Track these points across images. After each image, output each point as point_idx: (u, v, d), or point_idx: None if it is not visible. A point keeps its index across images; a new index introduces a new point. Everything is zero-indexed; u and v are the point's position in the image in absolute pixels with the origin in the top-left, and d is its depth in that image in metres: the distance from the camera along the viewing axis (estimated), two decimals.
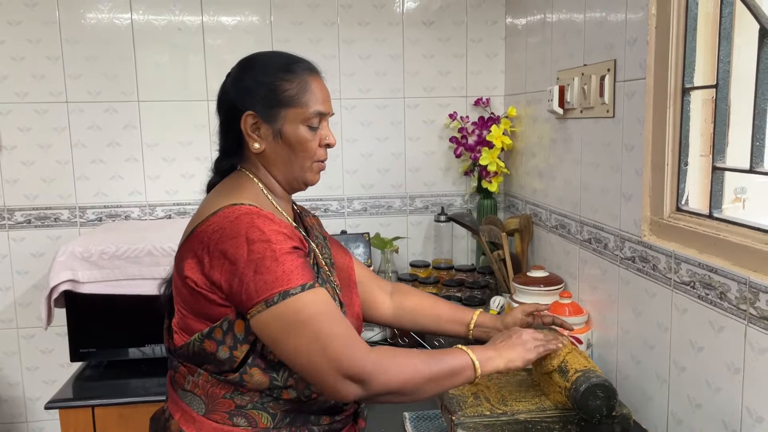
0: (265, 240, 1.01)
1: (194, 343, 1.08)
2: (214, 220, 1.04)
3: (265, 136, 1.14)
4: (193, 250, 1.05)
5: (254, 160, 1.17)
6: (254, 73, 1.15)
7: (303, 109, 1.14)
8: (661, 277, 1.34)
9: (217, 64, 2.27)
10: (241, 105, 1.13)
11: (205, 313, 1.07)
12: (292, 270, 1.01)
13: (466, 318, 1.41)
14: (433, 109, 2.40)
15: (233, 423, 1.08)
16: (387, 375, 1.02)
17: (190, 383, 1.11)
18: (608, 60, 1.54)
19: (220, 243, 1.02)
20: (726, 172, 1.25)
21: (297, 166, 1.17)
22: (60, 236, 2.27)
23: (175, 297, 1.13)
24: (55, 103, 2.22)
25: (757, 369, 1.07)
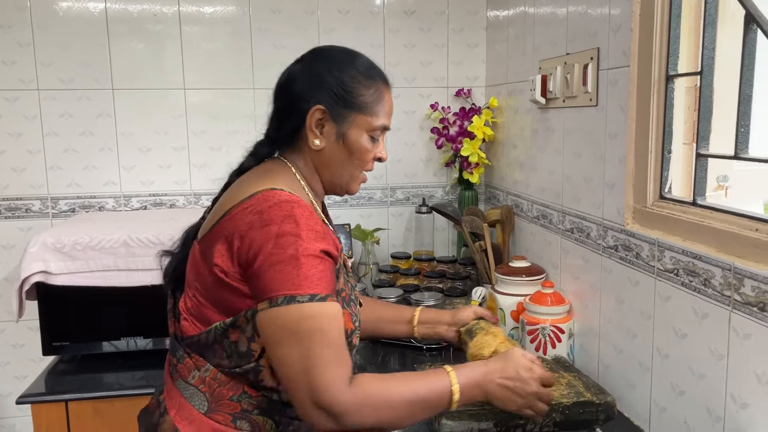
0: (295, 234, 0.96)
1: (215, 331, 1.02)
2: (250, 204, 0.99)
3: (327, 134, 1.09)
4: (224, 234, 1.00)
5: (304, 155, 1.12)
6: (331, 68, 1.09)
7: (373, 118, 1.10)
8: (644, 265, 1.34)
9: (194, 53, 2.22)
10: (310, 96, 1.08)
11: (227, 306, 1.02)
12: (308, 276, 0.96)
13: (407, 316, 1.39)
14: (414, 100, 2.38)
15: (236, 426, 1.04)
16: (361, 414, 0.97)
17: (196, 378, 1.05)
18: (591, 48, 1.53)
19: (253, 229, 0.97)
20: (709, 160, 1.25)
21: (347, 173, 1.13)
22: (31, 227, 2.21)
23: (192, 281, 1.06)
24: (26, 91, 2.15)
25: (741, 355, 1.07)
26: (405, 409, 1.02)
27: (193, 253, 1.07)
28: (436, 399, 1.05)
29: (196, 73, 2.24)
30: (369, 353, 1.77)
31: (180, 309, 1.09)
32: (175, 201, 2.29)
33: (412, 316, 1.39)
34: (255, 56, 2.26)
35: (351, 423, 0.97)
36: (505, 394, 1.10)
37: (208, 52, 2.24)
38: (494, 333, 1.30)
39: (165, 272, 1.18)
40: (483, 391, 1.10)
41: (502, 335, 1.30)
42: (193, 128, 2.27)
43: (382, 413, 1.00)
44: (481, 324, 1.35)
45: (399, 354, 1.77)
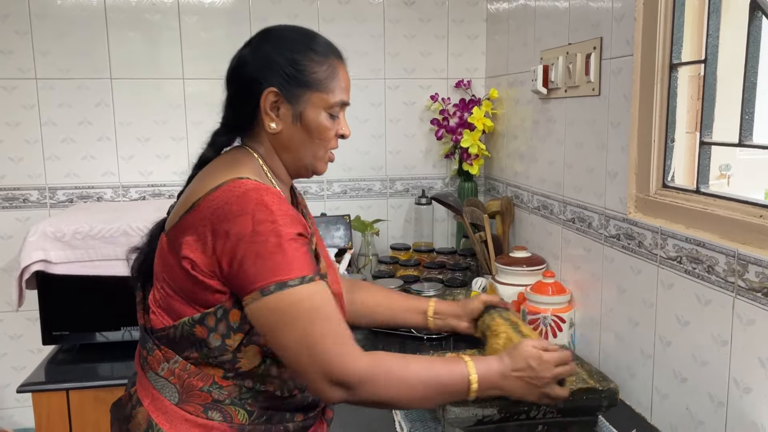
0: (271, 221, 0.94)
1: (182, 327, 1.01)
2: (217, 195, 0.97)
3: (283, 116, 1.06)
4: (193, 227, 0.98)
5: (263, 139, 1.09)
6: (281, 48, 1.06)
7: (329, 95, 1.07)
8: (646, 253, 1.35)
9: (193, 43, 2.21)
10: (262, 79, 1.04)
11: (197, 299, 1.00)
12: (293, 259, 0.95)
13: (422, 307, 1.39)
14: (414, 91, 2.38)
15: (207, 416, 1.03)
16: (375, 386, 0.98)
17: (165, 370, 1.04)
18: (594, 38, 1.54)
19: (225, 221, 0.95)
20: (712, 149, 1.25)
21: (310, 154, 1.10)
22: (29, 218, 2.20)
23: (160, 274, 1.05)
24: (24, 80, 2.14)
25: (744, 340, 1.07)
26: (421, 388, 1.02)
27: (161, 246, 1.05)
28: (454, 385, 1.05)
29: (194, 63, 2.23)
30: (368, 343, 1.77)
31: (149, 302, 1.08)
32: (174, 191, 2.28)
33: (427, 308, 1.39)
34: None
35: (366, 394, 0.97)
36: (520, 386, 1.10)
37: (207, 42, 2.23)
38: (497, 333, 1.30)
39: (132, 267, 1.16)
40: (498, 387, 1.10)
41: (519, 322, 1.29)
42: (191, 118, 2.26)
43: (400, 388, 1.00)
44: (499, 311, 1.35)
45: (399, 344, 1.77)
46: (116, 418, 1.12)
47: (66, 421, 1.63)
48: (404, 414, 1.35)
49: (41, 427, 1.62)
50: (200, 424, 1.02)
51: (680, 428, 1.25)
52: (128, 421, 1.06)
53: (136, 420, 1.04)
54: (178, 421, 1.02)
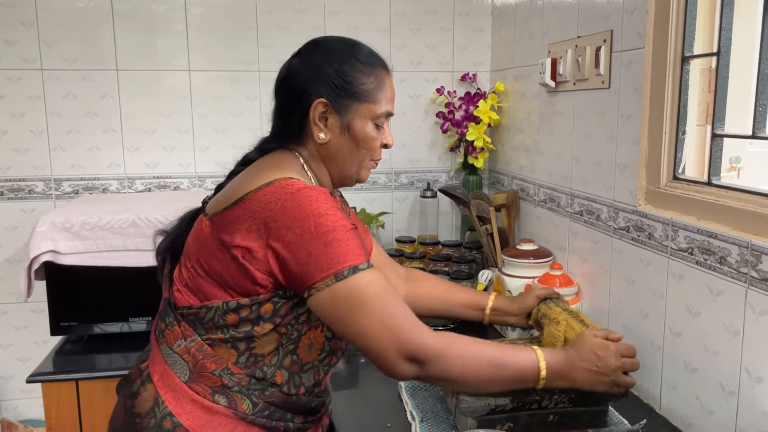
0: (330, 213, 0.98)
1: (216, 310, 1.04)
2: (269, 191, 1.00)
3: (332, 126, 1.10)
4: (243, 219, 1.00)
5: (311, 149, 1.13)
6: (330, 59, 1.10)
7: (375, 106, 1.11)
8: (657, 245, 1.36)
9: (199, 34, 2.21)
10: (311, 90, 1.08)
11: (235, 285, 1.02)
12: (357, 245, 0.99)
13: (482, 303, 1.42)
14: (419, 84, 2.38)
15: (213, 399, 1.05)
16: (446, 361, 1.01)
17: (181, 347, 1.06)
18: (604, 31, 1.54)
19: (283, 215, 0.98)
20: (724, 141, 1.26)
21: (356, 163, 1.14)
22: (34, 209, 2.19)
23: (194, 254, 1.06)
24: (30, 71, 2.13)
25: (757, 330, 1.08)
26: (489, 369, 1.05)
27: (201, 228, 1.07)
28: (523, 371, 1.09)
29: (201, 54, 2.23)
30: None
31: (174, 278, 1.10)
32: (180, 183, 2.28)
33: (485, 305, 1.42)
34: (260, 38, 2.25)
35: (438, 370, 1.01)
36: (590, 377, 1.13)
37: (213, 33, 2.22)
38: (557, 321, 1.31)
39: (158, 249, 1.19)
40: (566, 378, 1.12)
41: (567, 319, 1.30)
42: (197, 110, 2.26)
43: (468, 366, 1.03)
44: (549, 305, 1.37)
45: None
46: (122, 395, 1.13)
47: (75, 411, 1.64)
48: (415, 404, 1.36)
49: (51, 417, 1.62)
50: (205, 406, 1.04)
51: (690, 418, 1.26)
52: (134, 398, 1.07)
53: (143, 396, 1.06)
54: (185, 400, 1.04)
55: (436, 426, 1.28)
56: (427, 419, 1.30)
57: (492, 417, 1.22)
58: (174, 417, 1.03)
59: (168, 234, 1.19)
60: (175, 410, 1.04)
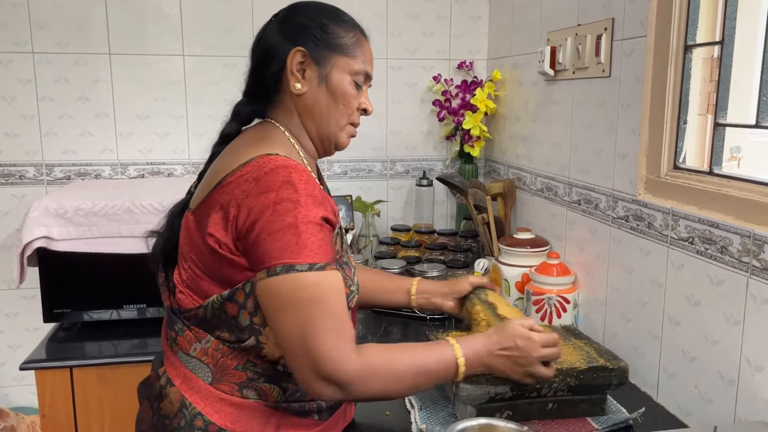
0: (293, 201, 0.93)
1: (212, 305, 1.00)
2: (246, 170, 0.96)
3: (309, 78, 1.07)
4: (219, 203, 0.97)
5: (288, 107, 1.09)
6: (310, 13, 1.08)
7: (354, 60, 1.08)
8: (656, 234, 1.36)
9: (193, 18, 2.18)
10: (289, 41, 1.05)
11: (225, 278, 0.99)
12: (307, 244, 0.93)
13: (406, 286, 1.38)
14: (416, 72, 2.36)
15: (242, 395, 1.02)
16: (366, 384, 0.96)
17: (198, 350, 1.03)
18: (605, 19, 1.53)
19: (250, 196, 0.94)
20: (726, 131, 1.26)
21: (333, 121, 1.10)
22: (25, 194, 2.16)
23: (188, 254, 1.03)
24: (20, 54, 2.09)
25: (758, 320, 1.09)
26: (411, 380, 1.02)
27: (187, 224, 1.04)
28: (443, 371, 1.05)
29: (195, 39, 2.20)
30: (372, 324, 1.77)
31: (174, 281, 1.06)
32: (173, 170, 2.26)
33: (410, 286, 1.38)
34: (255, 22, 2.22)
35: (357, 393, 0.96)
36: (505, 364, 1.11)
37: (208, 17, 2.19)
38: (490, 303, 1.30)
39: (152, 252, 1.15)
40: (484, 365, 1.10)
41: (499, 305, 1.29)
42: (191, 96, 2.23)
43: (389, 384, 0.99)
44: (480, 294, 1.35)
45: (402, 325, 1.78)
46: (145, 396, 1.10)
47: (69, 399, 1.62)
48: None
49: (44, 404, 1.60)
50: (235, 402, 1.02)
51: (688, 406, 1.27)
52: (159, 400, 1.05)
53: (168, 399, 1.03)
54: (213, 399, 1.02)
55: (435, 414, 1.28)
56: (426, 407, 1.30)
57: (491, 405, 1.22)
58: (204, 416, 1.00)
59: (160, 234, 1.15)
60: (204, 410, 1.01)
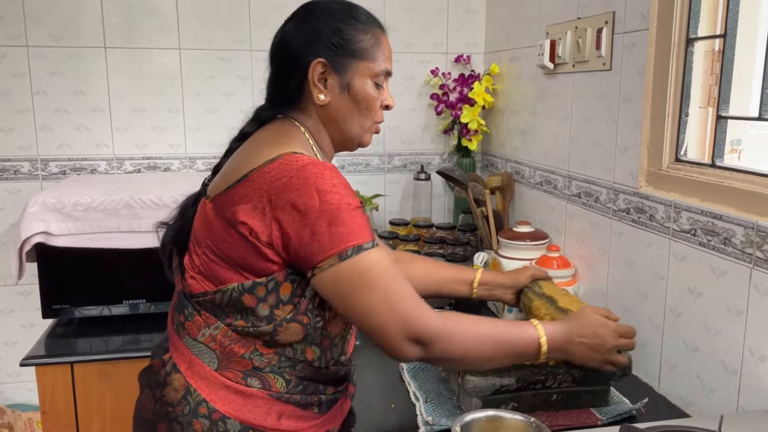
0: (337, 192, 0.96)
1: (231, 293, 1.01)
2: (273, 167, 0.97)
3: (331, 87, 1.08)
4: (248, 196, 0.98)
5: (310, 112, 1.11)
6: (326, 19, 1.07)
7: (374, 63, 1.08)
8: (658, 226, 1.37)
9: (189, 12, 2.16)
10: (309, 51, 1.06)
11: (247, 265, 1.00)
12: (363, 225, 0.97)
13: (468, 278, 1.41)
14: (414, 66, 2.36)
15: (247, 383, 1.03)
16: (449, 341, 1.01)
17: (206, 336, 1.04)
18: (606, 12, 1.54)
19: (287, 192, 0.95)
20: (728, 123, 1.27)
21: (357, 125, 1.11)
22: (20, 190, 2.14)
23: (203, 240, 1.04)
24: (15, 47, 2.07)
25: (761, 310, 1.10)
26: (489, 347, 1.05)
27: (205, 212, 1.05)
28: (523, 347, 1.09)
29: (191, 33, 2.18)
30: None
31: (185, 266, 1.08)
32: (170, 165, 2.24)
33: (473, 278, 1.40)
34: (252, 16, 2.21)
35: (440, 350, 1.00)
36: (585, 352, 1.14)
37: (204, 11, 2.18)
38: (548, 297, 1.32)
39: (163, 241, 1.16)
40: (563, 350, 1.13)
41: (558, 297, 1.31)
42: (188, 90, 2.22)
43: (469, 345, 1.03)
44: (534, 288, 1.37)
45: None
46: (147, 384, 1.10)
47: (70, 395, 1.61)
48: (418, 385, 1.36)
49: (45, 401, 1.60)
50: (239, 391, 1.02)
51: (690, 396, 1.28)
52: (163, 387, 1.05)
53: (173, 386, 1.04)
54: (217, 386, 1.02)
55: (440, 406, 1.28)
56: (431, 400, 1.30)
57: (496, 397, 1.23)
58: (209, 403, 1.01)
59: (170, 225, 1.16)
60: (208, 397, 1.02)
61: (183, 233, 1.11)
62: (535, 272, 1.41)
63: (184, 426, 1.02)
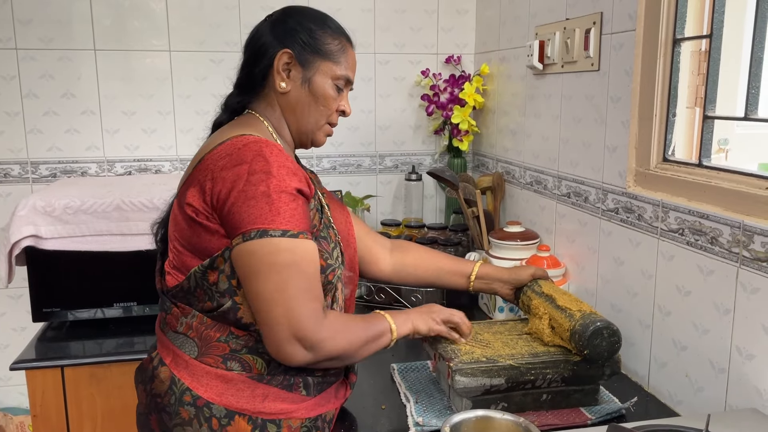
0: (266, 171, 0.99)
1: (194, 275, 1.05)
2: (221, 149, 1.03)
3: (294, 78, 1.14)
4: (197, 178, 1.04)
5: (271, 102, 1.17)
6: (300, 18, 1.17)
7: (337, 66, 1.16)
8: (646, 226, 1.37)
9: (179, 14, 2.16)
10: (279, 42, 1.13)
11: (203, 248, 1.04)
12: (280, 211, 0.99)
13: (467, 270, 1.41)
14: (404, 66, 2.37)
15: (227, 367, 1.06)
16: (334, 342, 1.02)
17: (183, 325, 1.08)
18: (594, 13, 1.54)
19: (225, 169, 1.00)
20: (715, 123, 1.27)
21: (312, 120, 1.18)
22: (11, 193, 2.13)
23: (172, 234, 1.09)
24: (3, 50, 2.06)
25: (748, 309, 1.11)
26: (363, 338, 1.09)
27: (173, 209, 1.11)
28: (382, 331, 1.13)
29: (181, 34, 2.18)
30: None
31: (165, 267, 1.12)
32: (161, 167, 2.24)
33: (471, 271, 1.41)
34: (242, 18, 2.21)
35: (325, 352, 1.02)
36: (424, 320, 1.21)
37: (194, 13, 2.18)
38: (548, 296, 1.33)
39: (156, 241, 1.21)
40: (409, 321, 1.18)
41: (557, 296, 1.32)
42: (178, 92, 2.21)
43: (348, 344, 1.05)
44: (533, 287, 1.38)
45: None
46: (140, 381, 1.14)
47: (61, 398, 1.61)
48: (408, 385, 1.37)
49: (36, 404, 1.59)
50: (220, 375, 1.05)
51: (679, 395, 1.29)
52: (151, 381, 1.09)
53: (159, 378, 1.08)
54: (200, 374, 1.05)
55: (431, 407, 1.28)
56: (422, 400, 1.31)
57: (486, 397, 1.23)
58: (192, 391, 1.04)
59: (161, 223, 1.20)
60: (191, 385, 1.05)
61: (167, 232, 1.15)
62: (536, 271, 1.42)
63: (171, 415, 1.05)
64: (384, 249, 1.42)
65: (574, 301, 1.30)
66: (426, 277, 1.43)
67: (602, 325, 1.20)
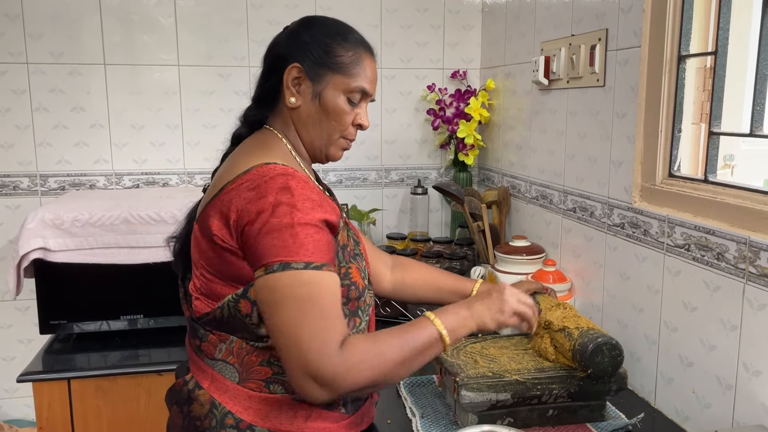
0: (290, 204, 0.96)
1: (228, 305, 1.02)
2: (246, 179, 1.00)
3: (304, 93, 1.11)
4: (220, 209, 1.01)
5: (285, 117, 1.14)
6: (313, 31, 1.13)
7: (350, 79, 1.12)
8: (652, 241, 1.38)
9: (188, 29, 2.18)
10: (289, 56, 1.11)
11: (235, 275, 1.01)
12: (304, 244, 0.95)
13: (467, 289, 1.40)
14: (410, 81, 2.38)
15: (270, 390, 1.04)
16: (353, 375, 0.94)
17: (223, 351, 1.05)
18: (599, 29, 1.56)
19: (250, 202, 0.98)
20: (720, 139, 1.28)
21: (325, 135, 1.14)
22: (20, 205, 2.15)
23: (197, 260, 1.06)
24: (15, 64, 2.09)
25: (755, 325, 1.10)
26: (398, 359, 1.00)
27: (195, 233, 1.08)
28: (427, 343, 1.04)
29: (190, 49, 2.20)
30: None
31: (190, 291, 1.09)
32: (168, 180, 2.26)
33: (471, 290, 1.40)
34: (250, 33, 2.23)
35: (345, 387, 0.95)
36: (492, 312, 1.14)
37: (203, 28, 2.20)
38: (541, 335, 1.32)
39: (173, 255, 1.19)
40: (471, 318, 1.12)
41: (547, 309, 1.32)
42: (186, 106, 2.23)
43: (376, 371, 0.97)
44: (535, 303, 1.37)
45: None
46: (174, 402, 1.11)
47: (67, 411, 1.61)
48: (414, 400, 1.37)
49: (42, 416, 1.59)
50: (263, 398, 1.04)
51: (686, 411, 1.29)
52: (189, 404, 1.07)
53: (198, 402, 1.06)
54: (242, 398, 1.04)
55: (437, 422, 1.28)
56: (428, 415, 1.31)
57: (492, 412, 1.23)
58: (234, 414, 1.03)
59: (177, 238, 1.18)
60: (233, 408, 1.03)
61: (188, 246, 1.12)
62: (530, 286, 1.41)
63: None
64: (386, 267, 1.42)
65: (571, 317, 1.29)
66: (426, 296, 1.42)
67: (601, 341, 1.20)
